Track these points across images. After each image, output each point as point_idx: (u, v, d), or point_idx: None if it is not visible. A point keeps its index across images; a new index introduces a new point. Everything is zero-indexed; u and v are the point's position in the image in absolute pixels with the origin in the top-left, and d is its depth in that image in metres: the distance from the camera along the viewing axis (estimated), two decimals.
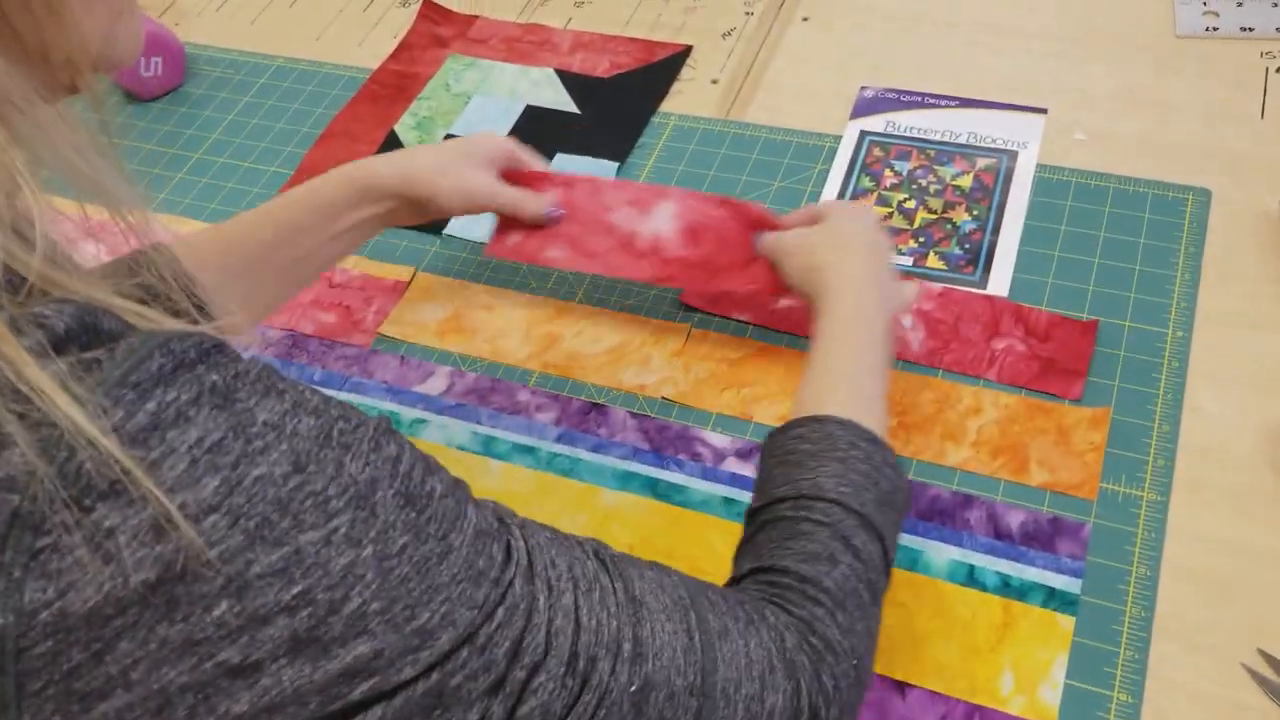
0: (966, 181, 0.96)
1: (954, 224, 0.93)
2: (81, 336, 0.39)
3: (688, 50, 1.13)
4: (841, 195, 0.96)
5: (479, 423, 0.86)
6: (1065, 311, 0.85)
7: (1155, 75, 1.02)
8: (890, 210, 0.95)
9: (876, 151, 0.99)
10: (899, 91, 1.04)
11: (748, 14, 1.15)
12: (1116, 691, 0.67)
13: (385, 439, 0.45)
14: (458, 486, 0.48)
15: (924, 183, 0.96)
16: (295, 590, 0.40)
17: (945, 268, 0.90)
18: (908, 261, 0.91)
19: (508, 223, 0.87)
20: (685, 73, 1.11)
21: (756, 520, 0.61)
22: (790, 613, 0.55)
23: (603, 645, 0.48)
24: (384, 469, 0.43)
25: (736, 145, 1.02)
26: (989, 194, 0.94)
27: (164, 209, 1.07)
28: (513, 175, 0.87)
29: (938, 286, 0.89)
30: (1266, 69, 1.00)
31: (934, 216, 0.94)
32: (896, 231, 0.93)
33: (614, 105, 1.08)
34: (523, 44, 1.18)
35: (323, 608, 0.41)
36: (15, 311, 0.39)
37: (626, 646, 0.48)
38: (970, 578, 0.73)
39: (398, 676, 0.42)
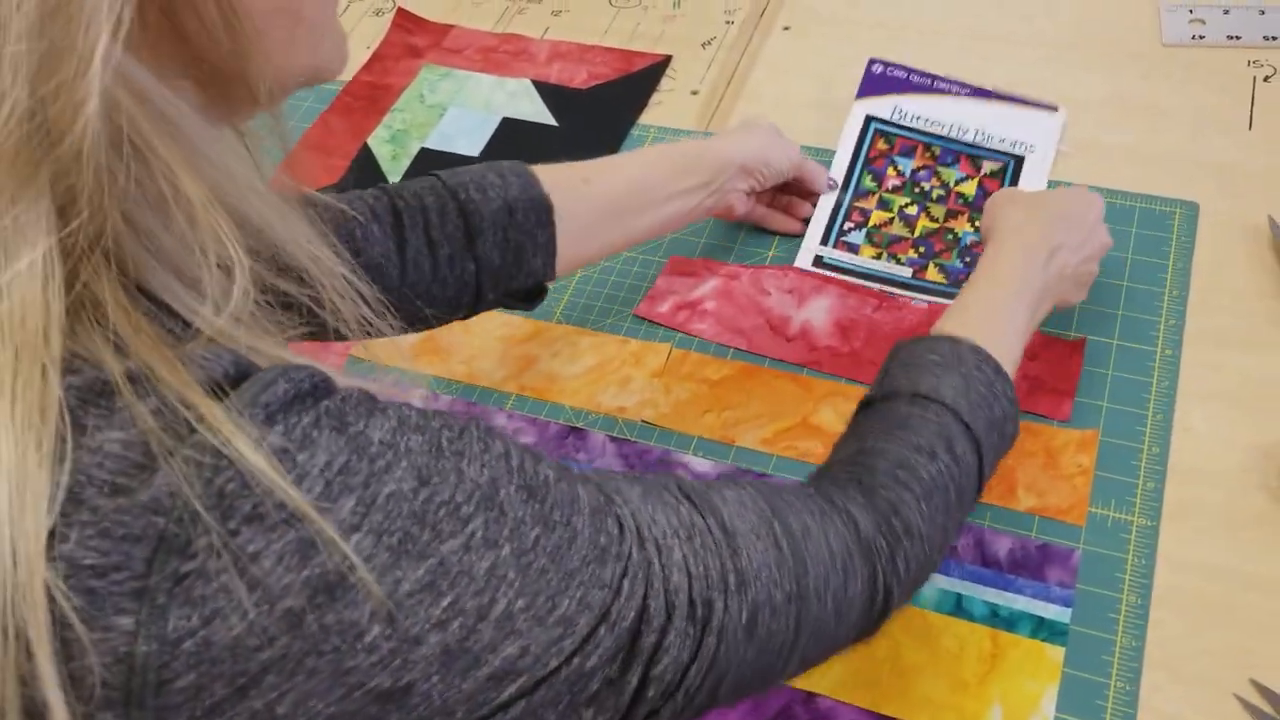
0: (970, 189, 0.94)
1: (955, 235, 0.92)
2: (237, 380, 0.39)
3: (667, 60, 1.11)
4: (839, 196, 0.95)
5: None
6: (1052, 330, 0.84)
7: (1143, 83, 1.00)
8: (891, 215, 0.94)
9: (881, 144, 0.97)
10: (908, 69, 1.01)
11: (728, 23, 1.13)
12: None
13: (490, 439, 0.44)
14: (564, 470, 0.47)
15: (926, 186, 0.94)
16: (445, 603, 0.39)
17: (945, 281, 0.89)
18: (906, 273, 0.90)
19: (661, 290, 0.91)
20: (665, 83, 1.09)
21: (870, 408, 0.65)
22: (878, 494, 0.58)
23: (714, 588, 0.49)
24: (500, 467, 0.43)
25: None
26: None
27: None
28: (681, 266, 0.92)
29: (924, 302, 0.87)
30: (1254, 78, 0.99)
31: (935, 226, 0.92)
32: (896, 239, 0.92)
33: (592, 117, 1.06)
34: (499, 54, 1.16)
35: (472, 616, 0.40)
36: (179, 350, 0.39)
37: (732, 579, 0.49)
38: (958, 607, 0.72)
39: (543, 670, 0.42)
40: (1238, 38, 1.02)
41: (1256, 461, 0.75)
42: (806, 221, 0.94)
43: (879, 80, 1.01)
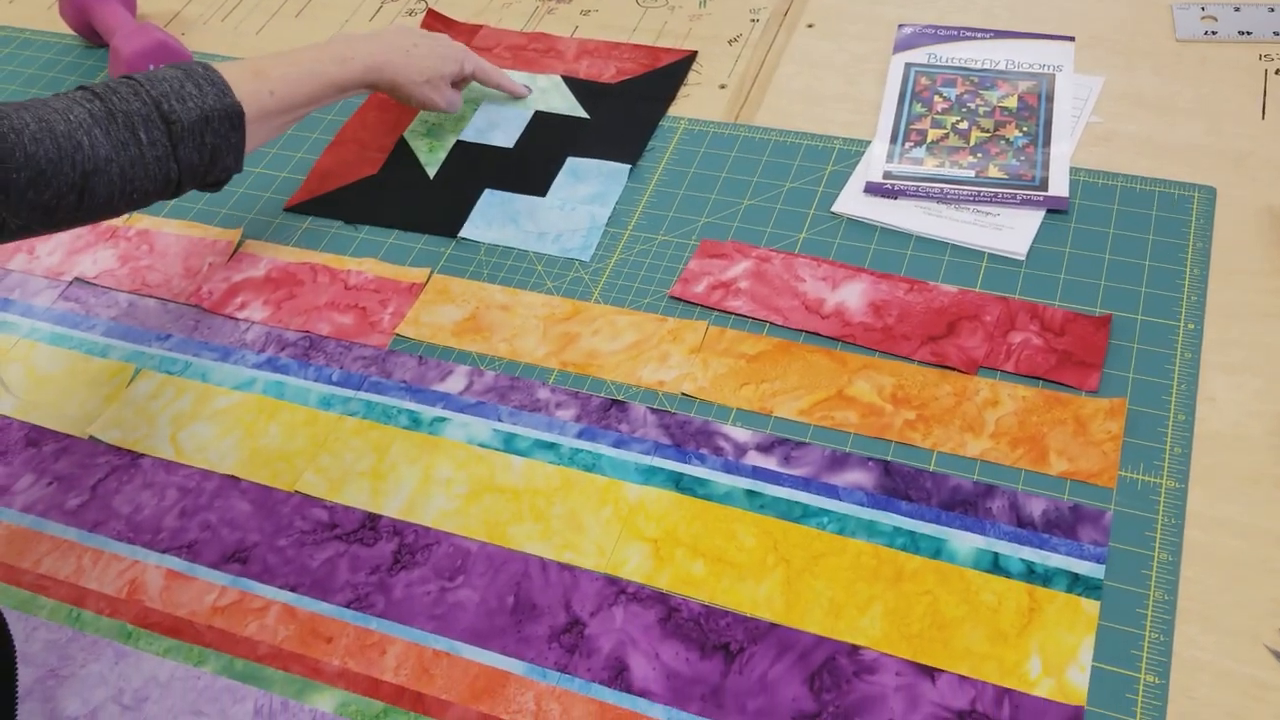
0: (1012, 102, 1.03)
1: (1007, 140, 0.99)
2: None
3: (693, 55, 1.14)
4: (896, 125, 1.03)
5: (499, 420, 0.86)
6: (1078, 307, 0.87)
7: (1157, 78, 1.03)
8: (945, 132, 1.01)
9: (923, 80, 1.06)
10: (936, 27, 1.11)
11: (753, 21, 1.17)
12: (1143, 673, 0.68)
13: None
14: None
15: (973, 105, 1.03)
16: None
17: (1005, 176, 0.96)
18: (970, 174, 0.97)
19: (694, 271, 0.94)
20: (692, 78, 1.12)
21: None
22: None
23: None
24: None
25: (747, 148, 1.03)
26: (1034, 112, 1.01)
27: (176, 214, 1.07)
28: (713, 249, 0.95)
29: (952, 289, 0.90)
30: (1266, 71, 1.02)
31: (987, 135, 1.00)
32: (954, 149, 0.99)
33: (623, 110, 1.10)
34: (528, 52, 1.19)
35: None
36: None
37: None
38: (995, 565, 0.74)
39: None
40: (1249, 33, 1.05)
41: (1279, 428, 0.78)
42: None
43: (911, 37, 1.11)
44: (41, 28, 1.30)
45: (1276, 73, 1.02)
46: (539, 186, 1.03)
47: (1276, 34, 1.04)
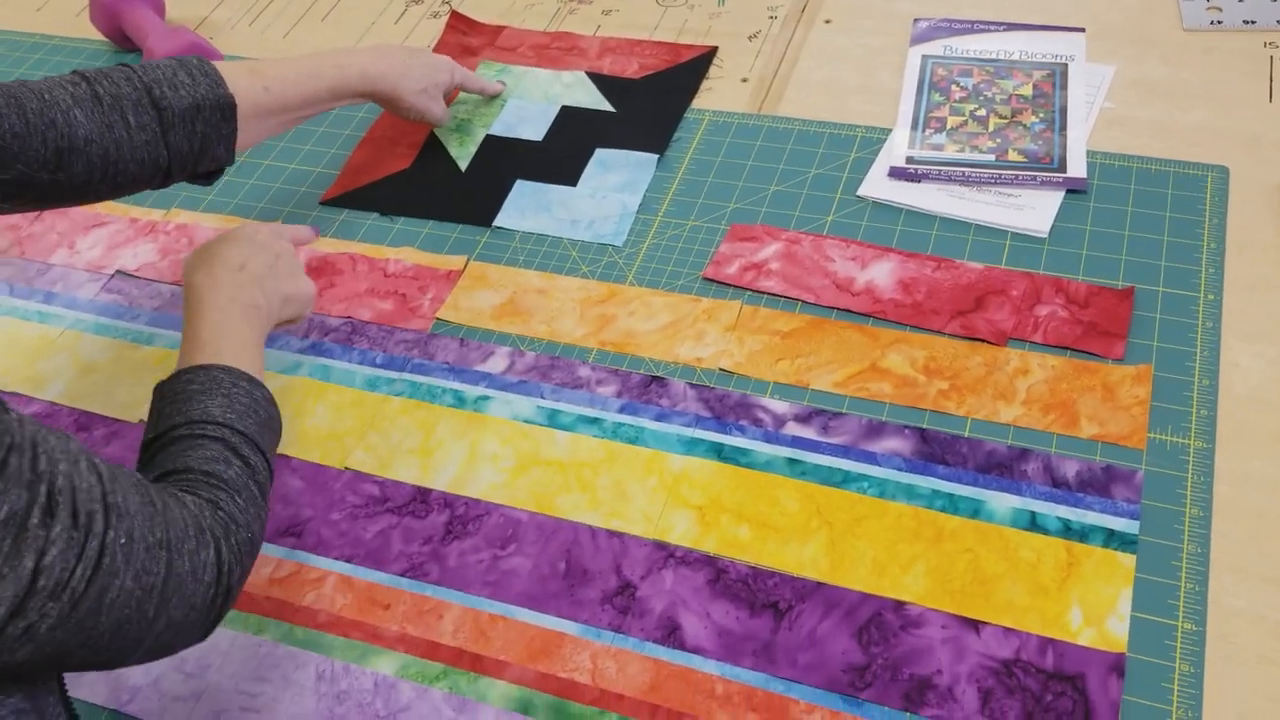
0: (1027, 90, 1.06)
1: (1025, 125, 1.03)
2: None
3: (714, 51, 1.17)
4: (916, 112, 1.06)
5: (542, 397, 0.89)
6: (1101, 281, 0.90)
7: (1166, 66, 1.07)
8: (964, 119, 1.04)
9: (940, 71, 1.09)
10: (950, 20, 1.15)
11: (771, 18, 1.20)
12: (1181, 620, 0.71)
13: None
14: None
15: (989, 94, 1.07)
16: None
17: (1025, 159, 0.99)
18: (990, 157, 1.00)
19: (726, 254, 0.97)
20: (713, 72, 1.15)
21: (153, 447, 0.71)
22: (200, 495, 0.66)
23: (95, 503, 0.55)
24: None
25: (771, 137, 1.06)
26: (1049, 99, 1.05)
27: (213, 209, 1.09)
28: (743, 232, 0.98)
29: (978, 265, 0.93)
30: (1271, 57, 1.06)
31: (1005, 121, 1.03)
32: (974, 135, 1.03)
33: (648, 102, 1.12)
34: (551, 50, 1.22)
35: None
36: None
37: (112, 502, 0.56)
38: (1033, 523, 0.77)
39: None
40: (1253, 22, 1.09)
41: None
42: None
43: (927, 30, 1.14)
44: (70, 34, 1.33)
45: None
46: (569, 177, 1.06)
47: None
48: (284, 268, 0.86)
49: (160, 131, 0.83)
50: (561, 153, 1.09)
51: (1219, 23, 1.10)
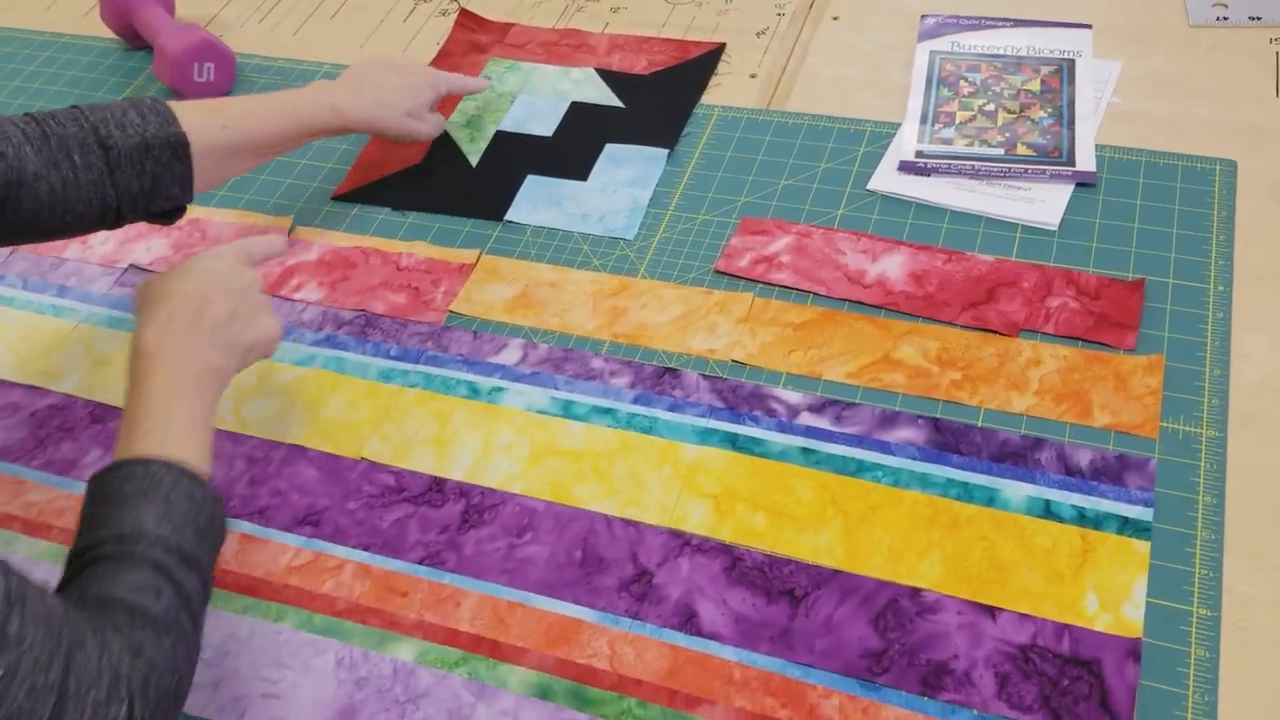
0: (1035, 85, 1.07)
1: (1033, 120, 1.04)
2: None
3: (722, 47, 1.18)
4: (924, 107, 1.07)
5: (556, 388, 0.89)
6: (1111, 273, 0.90)
7: (1172, 62, 1.08)
8: (973, 114, 1.05)
9: (949, 66, 1.10)
10: (958, 16, 1.16)
11: (779, 15, 1.21)
12: (1196, 606, 0.71)
13: None
14: None
15: (997, 89, 1.07)
16: None
17: (1034, 153, 1.00)
18: (999, 151, 1.01)
19: (737, 248, 0.97)
20: (722, 68, 1.16)
21: (80, 561, 0.65)
22: (122, 634, 0.60)
23: None
24: None
25: (780, 132, 1.07)
26: (1057, 94, 1.06)
27: (225, 204, 1.10)
28: (753, 226, 0.98)
29: (989, 258, 0.93)
30: (1277, 53, 1.06)
31: (1013, 115, 1.04)
32: (983, 129, 1.02)
33: (656, 98, 1.13)
34: (560, 47, 1.23)
35: None
36: None
37: (7, 631, 0.53)
38: (1047, 511, 0.77)
39: None
40: (1259, 18, 1.10)
41: None
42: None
43: (934, 27, 1.15)
44: (80, 32, 1.33)
45: None
46: (580, 172, 1.07)
47: None
48: (246, 310, 0.79)
49: (107, 171, 0.83)
50: (572, 148, 1.09)
51: (1225, 19, 1.11)
